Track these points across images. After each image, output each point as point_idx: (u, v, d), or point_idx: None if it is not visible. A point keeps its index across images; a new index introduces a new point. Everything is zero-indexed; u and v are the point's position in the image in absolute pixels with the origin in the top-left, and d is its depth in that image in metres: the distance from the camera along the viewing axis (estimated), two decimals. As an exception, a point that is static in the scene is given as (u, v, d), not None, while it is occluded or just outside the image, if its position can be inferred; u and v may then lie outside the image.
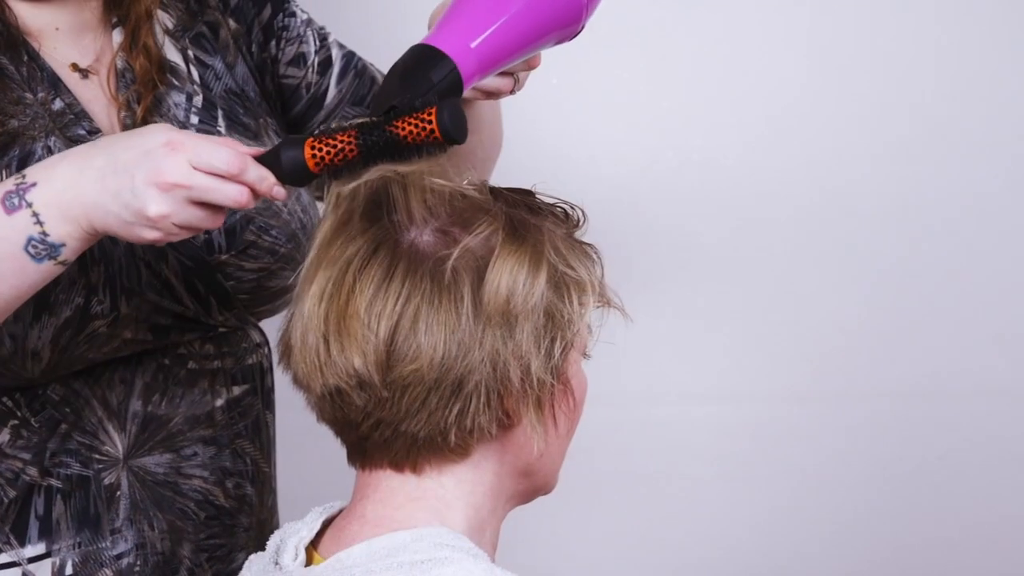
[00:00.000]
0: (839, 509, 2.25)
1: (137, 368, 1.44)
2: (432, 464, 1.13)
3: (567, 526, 2.22)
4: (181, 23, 1.50)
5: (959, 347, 2.21)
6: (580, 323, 1.12)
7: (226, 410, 1.49)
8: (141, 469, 1.45)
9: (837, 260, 2.20)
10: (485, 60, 1.21)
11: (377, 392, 1.10)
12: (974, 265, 2.20)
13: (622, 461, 2.22)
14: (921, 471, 2.24)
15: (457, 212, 1.12)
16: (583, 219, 1.17)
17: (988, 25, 2.17)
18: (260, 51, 1.53)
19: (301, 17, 1.56)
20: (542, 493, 1.20)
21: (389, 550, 1.11)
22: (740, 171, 2.17)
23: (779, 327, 2.20)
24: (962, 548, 2.26)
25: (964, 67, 2.17)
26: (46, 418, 1.42)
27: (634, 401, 2.21)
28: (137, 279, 1.39)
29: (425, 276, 1.09)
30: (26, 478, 1.42)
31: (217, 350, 1.48)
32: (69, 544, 1.43)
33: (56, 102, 1.40)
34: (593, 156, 2.15)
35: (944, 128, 2.17)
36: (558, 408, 1.14)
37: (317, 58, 1.56)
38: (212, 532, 1.49)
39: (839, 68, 2.17)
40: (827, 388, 2.23)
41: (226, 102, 1.48)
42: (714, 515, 2.26)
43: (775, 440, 2.23)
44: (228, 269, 1.43)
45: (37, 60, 1.41)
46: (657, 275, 2.17)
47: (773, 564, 2.25)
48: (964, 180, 2.19)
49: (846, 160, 2.17)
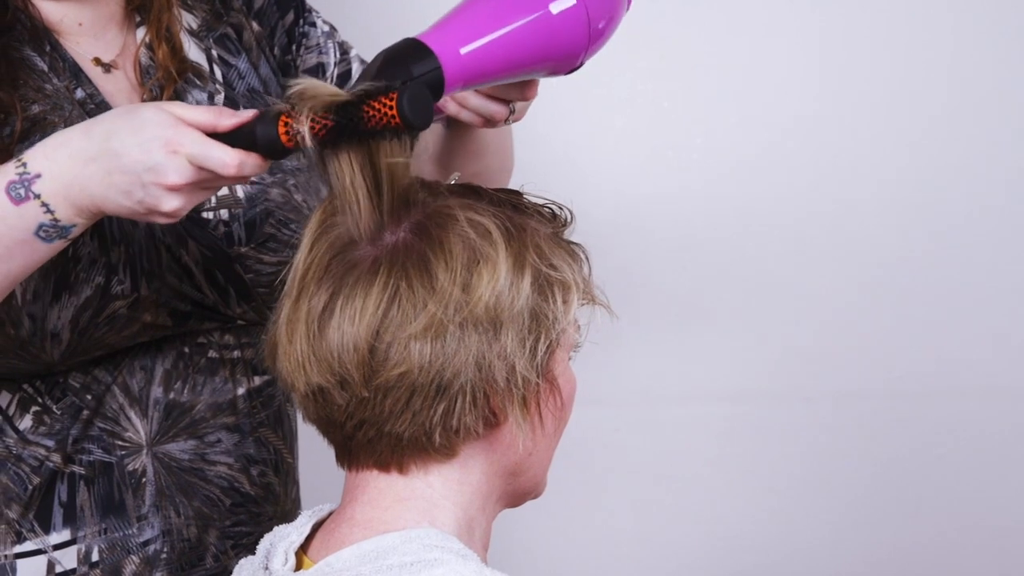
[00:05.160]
0: (838, 508, 2.26)
1: (157, 355, 1.45)
2: (418, 464, 1.12)
3: (565, 525, 2.23)
4: (205, 24, 1.51)
5: (960, 347, 2.22)
6: (565, 321, 1.11)
7: (248, 399, 1.50)
8: (166, 455, 1.45)
9: (837, 260, 2.21)
10: (471, 70, 1.18)
11: (359, 392, 1.09)
12: (974, 265, 2.21)
13: (621, 460, 2.24)
14: (921, 471, 2.25)
15: (439, 212, 1.11)
16: (571, 219, 1.16)
17: (992, 27, 2.16)
18: (283, 54, 1.55)
19: (322, 28, 1.57)
20: (531, 496, 1.19)
21: (378, 553, 1.09)
22: (740, 172, 2.18)
23: (779, 327, 2.22)
24: (962, 548, 2.27)
25: (964, 69, 2.17)
26: (68, 404, 1.43)
27: (633, 401, 2.22)
28: (157, 261, 1.40)
29: (409, 277, 1.08)
30: (50, 465, 1.43)
31: (237, 341, 1.49)
32: (94, 531, 1.44)
33: (78, 92, 1.41)
34: (594, 156, 2.17)
35: (944, 128, 2.18)
36: (544, 406, 1.13)
37: (337, 70, 1.57)
38: (238, 519, 1.50)
39: (840, 68, 2.17)
40: (827, 388, 2.24)
41: (248, 101, 1.50)
42: (714, 515, 2.27)
43: (775, 439, 2.24)
44: (247, 261, 1.44)
45: (59, 51, 1.43)
46: (657, 275, 2.18)
47: (773, 563, 2.26)
48: (964, 180, 2.19)
49: (846, 161, 2.18)
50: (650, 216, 2.17)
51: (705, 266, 2.18)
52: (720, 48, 2.16)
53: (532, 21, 1.20)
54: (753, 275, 2.20)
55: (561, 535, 2.24)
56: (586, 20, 1.22)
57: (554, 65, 1.24)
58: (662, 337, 2.18)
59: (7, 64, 1.38)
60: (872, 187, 2.18)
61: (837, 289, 2.20)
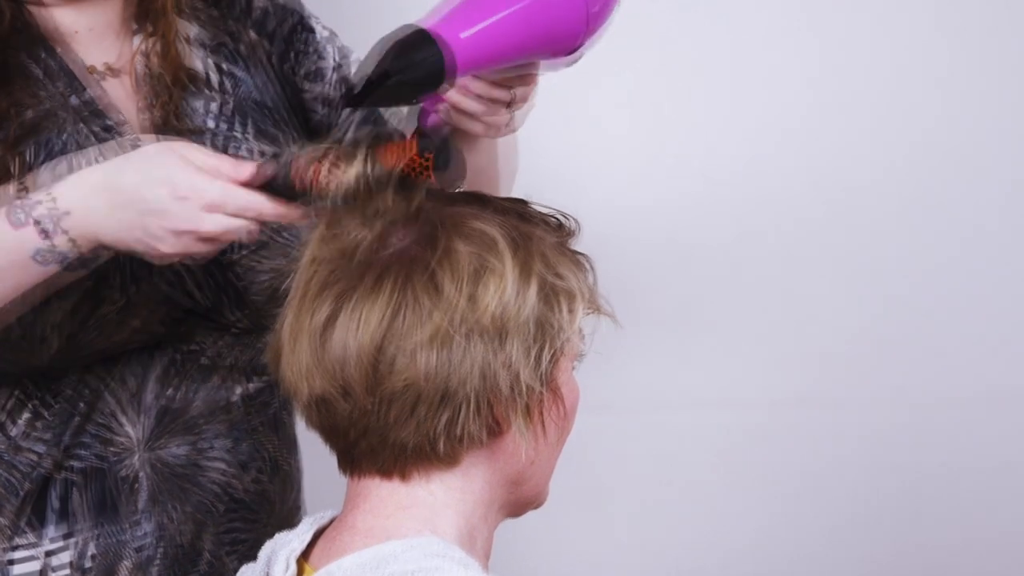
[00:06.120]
0: (842, 516, 2.26)
1: (150, 360, 1.44)
2: (420, 472, 1.11)
3: (567, 532, 2.23)
4: (205, 33, 1.50)
5: (963, 354, 2.22)
6: (570, 330, 1.11)
7: (243, 403, 1.50)
8: (159, 460, 1.45)
9: (840, 267, 2.20)
10: (473, 56, 1.18)
11: (363, 401, 1.08)
12: (978, 272, 2.20)
13: (623, 467, 2.24)
14: (925, 478, 2.24)
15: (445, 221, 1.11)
16: (577, 229, 1.15)
17: (992, 30, 2.16)
18: (281, 62, 1.54)
19: (322, 34, 1.57)
20: (533, 506, 1.18)
21: (379, 561, 1.08)
22: (742, 177, 2.17)
23: (783, 333, 2.21)
24: (965, 555, 2.26)
25: (965, 73, 2.17)
26: (60, 409, 1.42)
27: (636, 407, 2.22)
28: (148, 267, 1.39)
29: (415, 286, 1.07)
30: (42, 470, 1.42)
31: (231, 348, 1.49)
32: (88, 535, 1.43)
33: (73, 98, 1.41)
34: (595, 161, 2.16)
35: (948, 135, 2.17)
36: (547, 415, 1.12)
37: (335, 75, 1.56)
38: (233, 524, 1.49)
39: (842, 73, 2.16)
40: (831, 394, 2.23)
41: (248, 109, 1.49)
42: (716, 522, 2.26)
43: (777, 446, 2.24)
44: (240, 269, 1.44)
45: (55, 58, 1.42)
46: (659, 281, 2.18)
47: (776, 570, 2.26)
48: (968, 186, 2.18)
49: (849, 167, 2.17)
50: (652, 222, 2.17)
51: (707, 272, 2.18)
52: (720, 53, 2.16)
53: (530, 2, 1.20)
54: (756, 282, 2.19)
55: (563, 543, 2.24)
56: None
57: (554, 48, 1.24)
58: (664, 344, 2.18)
59: (2, 70, 1.38)
60: (877, 194, 2.17)
61: (840, 296, 2.20)
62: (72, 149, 1.38)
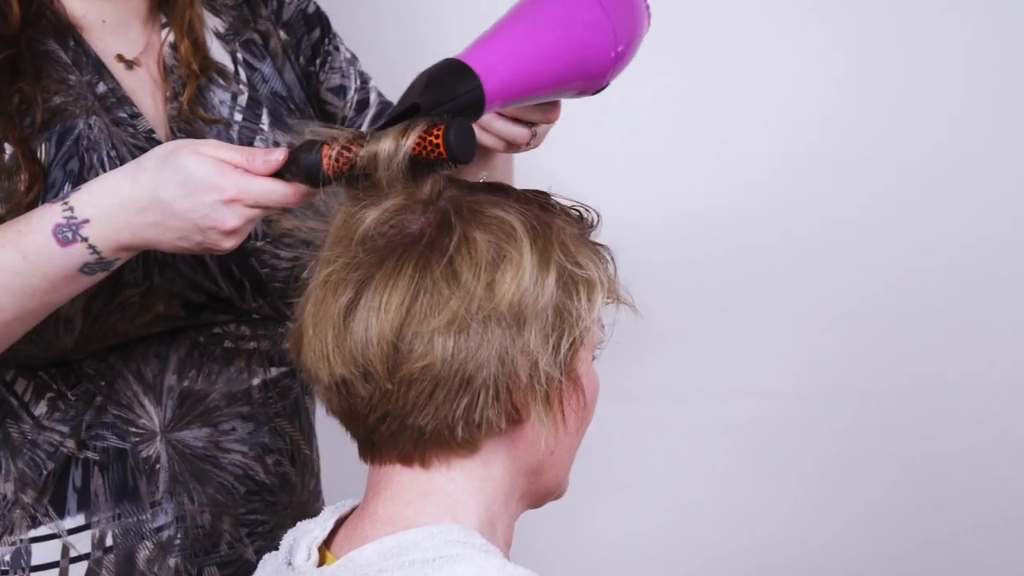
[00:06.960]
0: (861, 506, 2.25)
1: (172, 344, 1.45)
2: (440, 458, 1.12)
3: (583, 521, 2.23)
4: (232, 28, 1.52)
5: (967, 344, 2.22)
6: (589, 319, 1.11)
7: (263, 389, 1.50)
8: (180, 443, 1.46)
9: (859, 259, 2.20)
10: (509, 88, 1.21)
11: (382, 384, 1.09)
12: (979, 262, 2.20)
13: (638, 457, 2.24)
14: (943, 468, 2.24)
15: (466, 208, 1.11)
16: (598, 221, 1.16)
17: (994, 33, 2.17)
18: (307, 64, 1.56)
19: (345, 55, 1.59)
20: (553, 497, 1.18)
21: (401, 548, 1.09)
22: (766, 172, 2.17)
23: (800, 325, 2.21)
24: (970, 545, 2.26)
25: (966, 75, 2.16)
26: (82, 391, 1.43)
27: (651, 398, 2.22)
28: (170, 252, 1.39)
29: (433, 272, 1.08)
30: (64, 451, 1.43)
31: (253, 332, 1.50)
32: (108, 516, 1.44)
33: (100, 86, 1.43)
34: (609, 159, 2.17)
35: (963, 131, 2.17)
36: (567, 405, 1.13)
37: (356, 96, 1.59)
38: (253, 507, 1.50)
39: (856, 70, 2.17)
40: (849, 385, 2.23)
41: (272, 103, 1.50)
42: (735, 512, 2.26)
43: (797, 437, 2.23)
44: (263, 256, 1.45)
45: (83, 46, 1.44)
46: (679, 272, 2.18)
47: (795, 560, 2.26)
48: (984, 181, 2.18)
49: (866, 161, 2.17)
50: (670, 216, 2.18)
51: (729, 263, 2.18)
52: (745, 47, 2.16)
53: (563, 39, 1.24)
54: (775, 274, 2.19)
55: (583, 533, 2.24)
56: (612, 35, 1.25)
57: (583, 84, 1.28)
58: (684, 336, 2.18)
59: (31, 56, 1.39)
60: (891, 188, 2.17)
61: (859, 287, 2.20)
62: (96, 136, 1.39)
